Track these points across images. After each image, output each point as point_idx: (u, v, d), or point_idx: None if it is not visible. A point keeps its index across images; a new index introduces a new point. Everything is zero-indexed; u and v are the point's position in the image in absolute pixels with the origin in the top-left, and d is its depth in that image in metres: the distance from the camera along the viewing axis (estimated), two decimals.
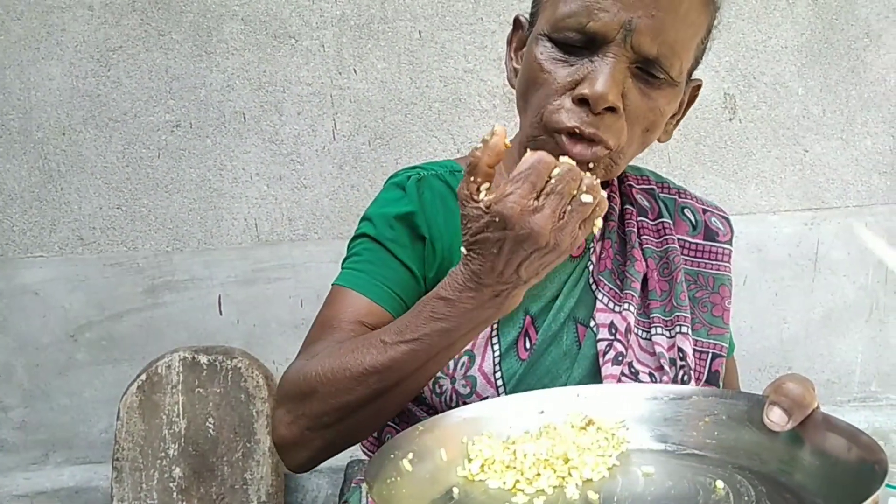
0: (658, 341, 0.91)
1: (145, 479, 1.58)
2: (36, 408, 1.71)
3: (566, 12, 0.78)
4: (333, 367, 0.73)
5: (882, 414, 1.92)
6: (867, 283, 1.90)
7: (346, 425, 0.76)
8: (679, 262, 0.95)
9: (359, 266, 0.87)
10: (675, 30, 0.77)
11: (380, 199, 0.92)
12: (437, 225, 0.88)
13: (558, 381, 0.87)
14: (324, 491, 1.74)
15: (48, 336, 1.68)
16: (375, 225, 0.88)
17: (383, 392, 0.73)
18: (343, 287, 0.86)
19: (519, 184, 0.62)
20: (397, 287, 0.85)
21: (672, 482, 0.68)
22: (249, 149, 1.68)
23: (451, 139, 1.72)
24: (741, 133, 1.82)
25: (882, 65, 1.82)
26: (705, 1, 0.81)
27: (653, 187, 1.01)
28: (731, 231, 1.02)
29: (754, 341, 1.89)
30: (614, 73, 0.77)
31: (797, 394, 0.67)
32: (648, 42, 0.76)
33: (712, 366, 0.94)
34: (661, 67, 0.79)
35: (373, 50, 1.67)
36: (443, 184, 0.91)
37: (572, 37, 0.78)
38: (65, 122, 1.62)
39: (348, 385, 0.72)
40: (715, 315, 0.96)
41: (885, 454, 0.58)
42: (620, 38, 0.76)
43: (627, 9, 0.75)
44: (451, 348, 0.73)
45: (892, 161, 1.87)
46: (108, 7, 1.59)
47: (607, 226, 0.95)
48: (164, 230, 1.68)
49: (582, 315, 0.91)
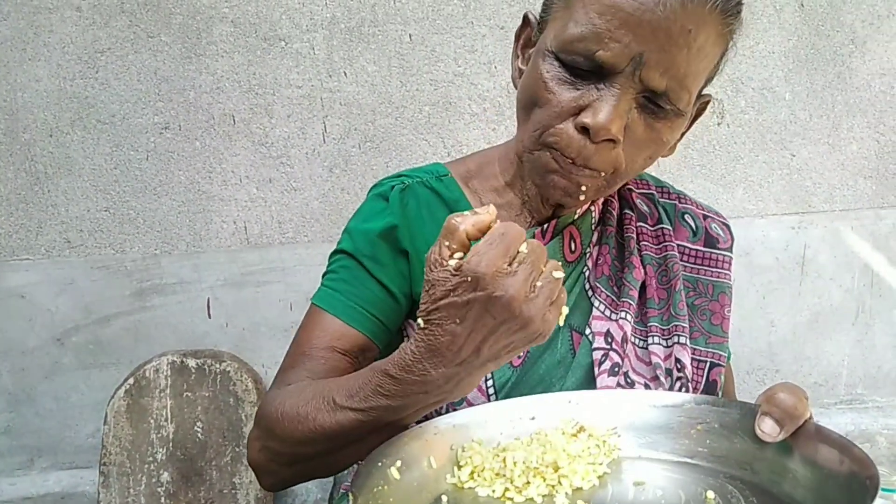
0: (655, 351, 0.89)
1: (133, 483, 1.56)
2: (21, 412, 1.69)
3: (576, 35, 0.75)
4: (291, 415, 0.72)
5: (868, 416, 1.93)
6: (853, 286, 1.92)
7: (305, 467, 0.76)
8: (678, 270, 0.93)
9: (335, 285, 0.87)
10: (686, 64, 0.74)
11: (362, 212, 0.91)
12: (422, 236, 0.87)
13: (552, 389, 0.86)
14: (313, 495, 1.73)
15: (34, 340, 1.66)
16: (354, 241, 0.88)
17: (333, 451, 0.72)
18: (318, 308, 0.86)
19: (493, 246, 0.57)
20: (372, 307, 0.85)
21: (662, 492, 0.68)
22: (239, 151, 1.67)
23: (442, 142, 1.72)
24: (729, 138, 1.83)
25: (867, 71, 1.84)
26: (721, 32, 0.77)
27: (653, 192, 0.99)
28: (732, 238, 1.00)
29: (742, 344, 1.91)
30: (619, 105, 0.74)
31: (789, 404, 0.66)
32: (658, 77, 0.74)
33: (710, 375, 0.93)
34: (668, 100, 0.76)
35: (363, 53, 1.66)
36: (429, 191, 0.90)
37: (580, 61, 0.75)
38: (52, 124, 1.61)
39: (301, 438, 0.71)
40: (714, 323, 0.95)
41: (876, 469, 0.58)
42: (629, 71, 0.74)
43: (640, 41, 0.72)
44: (401, 421, 0.68)
45: (877, 165, 1.89)
46: (96, 8, 1.58)
47: (605, 230, 0.93)
48: (153, 233, 1.67)
49: (577, 322, 0.89)
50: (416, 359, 0.61)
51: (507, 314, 0.57)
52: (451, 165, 0.95)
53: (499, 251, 0.57)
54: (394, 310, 0.86)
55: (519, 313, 0.57)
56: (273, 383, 0.83)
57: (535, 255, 0.59)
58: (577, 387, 0.86)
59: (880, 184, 1.90)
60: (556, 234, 0.90)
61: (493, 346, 0.60)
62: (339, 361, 0.82)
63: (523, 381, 0.86)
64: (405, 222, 0.87)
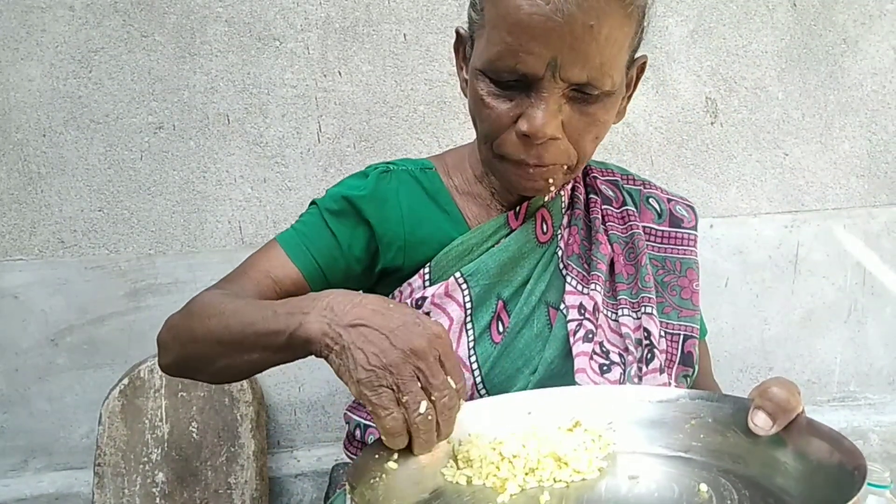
0: (625, 322, 0.95)
1: (128, 484, 1.56)
2: (15, 413, 1.68)
3: (494, 54, 0.81)
4: (209, 308, 0.81)
5: (861, 413, 1.95)
6: (846, 284, 1.94)
7: (197, 355, 0.84)
8: (643, 247, 0.99)
9: (296, 226, 0.96)
10: (599, 55, 0.79)
11: (342, 182, 0.99)
12: (391, 215, 0.93)
13: (532, 362, 0.91)
14: (309, 494, 1.73)
15: (28, 340, 1.66)
16: (325, 199, 0.96)
17: (226, 353, 0.80)
18: (275, 241, 0.95)
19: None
20: (317, 253, 0.93)
21: (656, 485, 0.68)
22: (233, 151, 1.67)
23: (436, 141, 1.72)
24: (722, 137, 1.84)
25: (859, 70, 1.85)
26: (624, 15, 0.81)
27: (617, 179, 1.06)
28: (696, 218, 1.06)
29: (735, 342, 1.92)
30: (549, 107, 0.80)
31: (782, 398, 0.67)
32: (577, 72, 0.79)
33: (684, 347, 0.98)
34: (593, 87, 0.81)
35: (357, 53, 1.66)
36: (412, 179, 0.96)
37: (505, 76, 0.81)
38: (45, 124, 1.60)
39: (208, 328, 0.80)
40: (684, 298, 1.00)
41: (864, 460, 0.59)
42: (549, 75, 0.79)
43: (550, 48, 0.77)
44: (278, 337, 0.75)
45: (869, 164, 1.90)
46: (89, 8, 1.57)
47: (574, 213, 0.99)
48: (147, 233, 1.67)
49: (553, 298, 0.94)
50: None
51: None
52: (434, 159, 1.02)
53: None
54: (337, 262, 0.94)
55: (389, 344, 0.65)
56: (217, 282, 0.93)
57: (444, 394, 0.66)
58: (554, 357, 0.91)
59: (872, 182, 1.91)
60: (529, 216, 0.96)
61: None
62: (267, 286, 0.90)
63: (504, 355, 0.90)
64: (374, 197, 0.94)
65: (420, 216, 0.94)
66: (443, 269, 0.93)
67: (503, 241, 0.94)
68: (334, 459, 1.69)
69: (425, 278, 0.93)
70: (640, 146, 1.81)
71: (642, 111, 1.79)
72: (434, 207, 0.96)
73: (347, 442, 1.01)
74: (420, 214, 0.94)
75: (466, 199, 0.97)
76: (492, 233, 0.94)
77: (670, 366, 0.96)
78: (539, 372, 0.90)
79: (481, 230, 0.94)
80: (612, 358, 0.91)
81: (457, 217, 0.96)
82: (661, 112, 1.80)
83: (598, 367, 0.90)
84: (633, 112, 1.78)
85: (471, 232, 0.94)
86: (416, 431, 0.65)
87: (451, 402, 0.66)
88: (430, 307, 0.91)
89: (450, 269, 0.92)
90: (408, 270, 0.94)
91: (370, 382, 0.64)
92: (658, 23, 1.73)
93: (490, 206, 0.97)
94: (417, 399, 0.64)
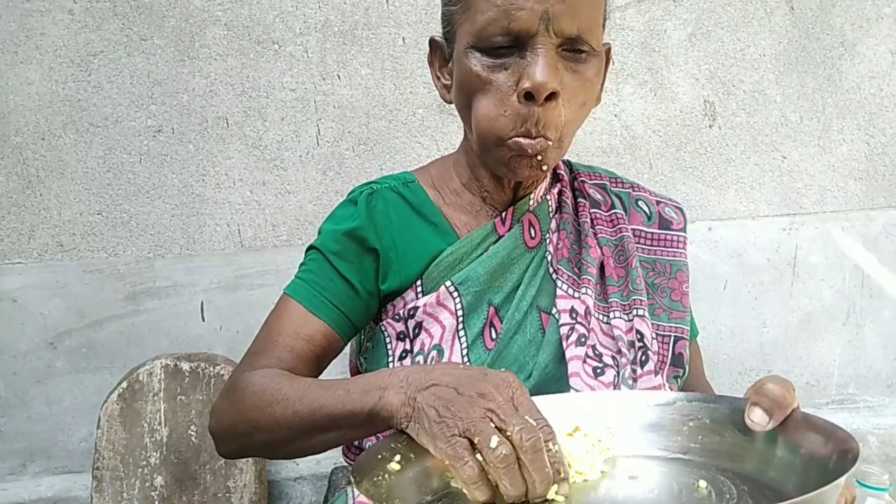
0: (617, 325, 0.95)
1: (126, 488, 1.56)
2: (13, 416, 1.68)
3: (486, 20, 0.82)
4: (266, 397, 0.79)
5: (859, 416, 1.95)
6: (844, 286, 1.94)
7: (261, 443, 0.83)
8: (633, 250, 0.99)
9: (304, 276, 0.94)
10: (586, 6, 0.83)
11: (333, 215, 0.99)
12: (388, 233, 0.94)
13: (526, 368, 0.91)
14: (307, 498, 1.73)
15: (26, 343, 1.66)
16: (323, 239, 0.95)
17: (296, 437, 0.78)
18: (288, 297, 0.93)
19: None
20: (335, 299, 0.92)
21: (656, 485, 0.69)
22: (232, 154, 1.67)
23: (435, 145, 1.72)
24: (721, 140, 1.84)
25: (857, 73, 1.86)
26: None
27: (605, 182, 1.06)
28: (685, 219, 1.06)
29: (734, 345, 1.92)
30: (548, 60, 0.81)
31: (777, 394, 0.68)
32: (569, 24, 0.81)
33: (675, 349, 0.98)
34: (584, 41, 0.83)
35: (356, 56, 1.67)
36: (396, 195, 0.97)
37: (499, 41, 0.82)
38: (44, 127, 1.60)
39: (275, 418, 0.78)
40: (674, 300, 1.01)
41: (857, 443, 0.61)
42: (543, 28, 0.81)
43: (540, 1, 0.80)
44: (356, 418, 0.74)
45: (867, 167, 1.91)
46: (88, 11, 1.58)
47: (562, 217, 0.99)
48: (146, 236, 1.67)
49: (544, 303, 0.95)
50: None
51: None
52: (417, 172, 1.02)
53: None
54: (356, 304, 0.93)
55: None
56: (242, 363, 0.91)
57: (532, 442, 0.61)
58: (548, 362, 0.91)
59: (870, 185, 1.92)
60: (516, 221, 0.96)
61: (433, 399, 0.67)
62: (303, 348, 0.89)
63: (498, 361, 0.91)
64: (371, 222, 0.94)
65: (408, 232, 0.95)
66: (434, 281, 0.93)
67: (491, 248, 0.94)
68: (333, 463, 1.69)
69: (418, 290, 0.94)
70: (639, 149, 1.81)
71: (641, 114, 1.80)
72: (420, 221, 0.96)
73: (346, 447, 1.01)
74: (408, 230, 0.95)
75: (454, 208, 0.98)
76: (480, 241, 0.95)
77: (661, 367, 0.97)
78: (534, 377, 0.90)
79: (470, 239, 0.94)
80: (606, 360, 0.91)
81: (445, 228, 0.96)
82: (660, 115, 1.81)
83: (591, 370, 0.90)
84: (631, 115, 1.79)
85: (459, 241, 0.94)
86: (497, 472, 0.59)
87: (530, 437, 0.60)
88: (423, 316, 0.92)
89: (441, 279, 0.93)
90: (404, 289, 0.95)
91: (443, 434, 0.62)
92: (656, 26, 1.74)
93: (479, 212, 0.97)
94: (487, 436, 0.60)
